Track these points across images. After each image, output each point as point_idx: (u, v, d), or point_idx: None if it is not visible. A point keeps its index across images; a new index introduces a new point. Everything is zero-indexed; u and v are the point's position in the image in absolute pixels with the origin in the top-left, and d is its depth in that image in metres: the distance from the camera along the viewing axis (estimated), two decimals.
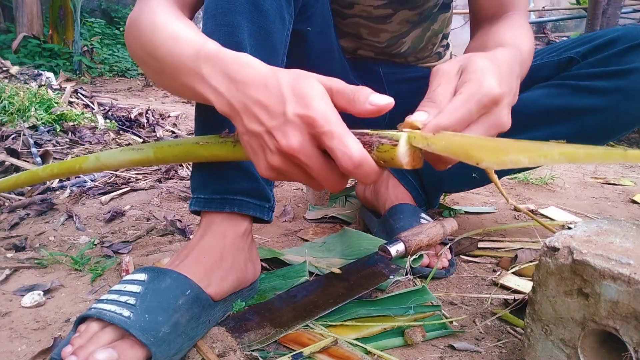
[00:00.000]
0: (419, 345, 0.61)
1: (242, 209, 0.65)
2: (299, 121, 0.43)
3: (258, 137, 0.46)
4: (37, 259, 0.83)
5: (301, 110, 0.42)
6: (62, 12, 4.64)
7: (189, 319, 0.55)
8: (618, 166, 1.88)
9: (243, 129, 0.47)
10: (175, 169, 1.47)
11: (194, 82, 0.50)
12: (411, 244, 0.76)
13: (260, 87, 0.45)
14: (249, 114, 0.46)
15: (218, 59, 0.49)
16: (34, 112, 1.79)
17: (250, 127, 0.46)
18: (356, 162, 0.41)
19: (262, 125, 0.45)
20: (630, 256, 0.45)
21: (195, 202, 0.67)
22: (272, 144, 0.45)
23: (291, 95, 0.43)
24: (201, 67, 0.49)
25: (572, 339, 0.49)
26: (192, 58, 0.50)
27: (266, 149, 0.46)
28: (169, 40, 0.53)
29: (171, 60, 0.52)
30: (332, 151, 0.42)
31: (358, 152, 0.42)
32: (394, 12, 0.84)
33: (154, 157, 0.62)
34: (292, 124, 0.43)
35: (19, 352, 0.57)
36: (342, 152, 0.41)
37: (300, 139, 0.43)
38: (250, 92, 0.45)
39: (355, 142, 0.42)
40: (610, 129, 0.82)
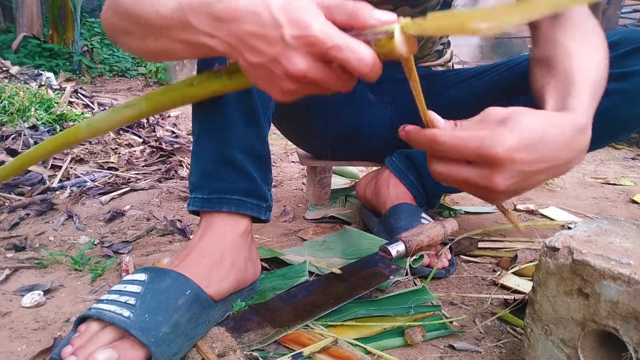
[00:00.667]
0: (419, 345, 0.61)
1: (239, 208, 0.65)
2: (299, 43, 0.42)
3: (263, 68, 0.45)
4: (37, 259, 0.83)
5: (299, 31, 0.42)
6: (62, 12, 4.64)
7: (189, 319, 0.55)
8: (618, 166, 1.88)
9: (246, 64, 0.46)
10: (175, 169, 1.47)
11: (185, 34, 0.49)
12: (412, 244, 0.76)
13: (250, 17, 0.44)
14: (247, 47, 0.44)
15: (201, 4, 0.47)
16: (34, 112, 1.79)
17: (253, 60, 0.45)
18: (370, 65, 0.42)
19: (264, 56, 0.44)
20: (630, 256, 0.45)
21: (193, 202, 0.67)
22: (280, 71, 0.44)
23: (285, 19, 0.42)
24: (188, 17, 0.47)
25: (572, 339, 0.49)
26: (177, 11, 0.48)
27: (275, 76, 0.45)
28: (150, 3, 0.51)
29: (157, 20, 0.50)
30: (345, 61, 0.42)
31: (369, 55, 0.42)
32: (394, 9, 0.84)
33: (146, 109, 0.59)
34: (293, 48, 0.42)
35: (19, 352, 0.57)
36: (357, 59, 0.42)
37: (306, 61, 0.43)
38: (242, 26, 0.44)
39: (362, 45, 0.42)
40: (612, 130, 0.82)
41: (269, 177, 0.71)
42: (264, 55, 0.44)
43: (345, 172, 1.50)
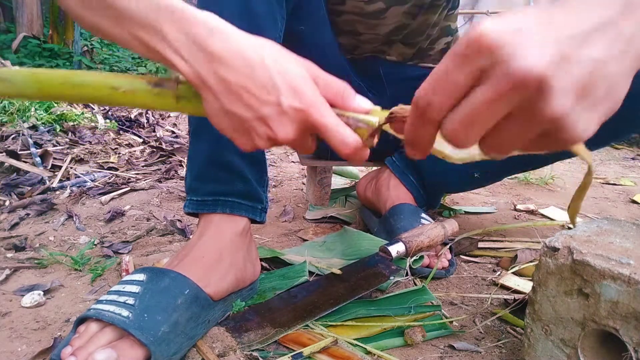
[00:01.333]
0: (419, 345, 0.61)
1: (234, 210, 0.66)
2: (295, 114, 0.41)
3: (244, 121, 0.42)
4: (37, 259, 0.83)
5: (297, 104, 0.41)
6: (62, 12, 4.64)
7: (188, 319, 0.55)
8: (618, 166, 1.88)
9: (219, 108, 0.42)
10: (175, 169, 1.47)
11: (151, 39, 0.43)
12: (412, 245, 0.76)
13: (243, 69, 0.41)
14: (232, 96, 0.41)
15: (183, 17, 0.42)
16: (33, 112, 1.79)
17: (235, 110, 0.42)
18: (352, 149, 0.42)
19: (251, 111, 0.42)
20: (630, 256, 0.45)
21: (189, 204, 0.67)
22: (264, 132, 0.43)
23: (284, 85, 0.41)
24: (162, 24, 0.42)
25: (572, 339, 0.49)
26: (153, 8, 0.42)
27: (253, 133, 0.43)
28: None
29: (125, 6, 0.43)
30: (330, 140, 0.43)
31: (353, 140, 0.42)
32: (387, 7, 0.84)
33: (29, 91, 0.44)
34: (288, 116, 0.41)
35: (19, 352, 0.57)
36: (341, 141, 0.42)
37: (296, 130, 0.42)
38: (233, 74, 0.41)
39: (349, 130, 0.43)
40: (615, 131, 0.82)
41: (265, 178, 0.71)
42: (252, 111, 0.42)
43: (345, 172, 1.50)
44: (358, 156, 0.44)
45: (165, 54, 0.43)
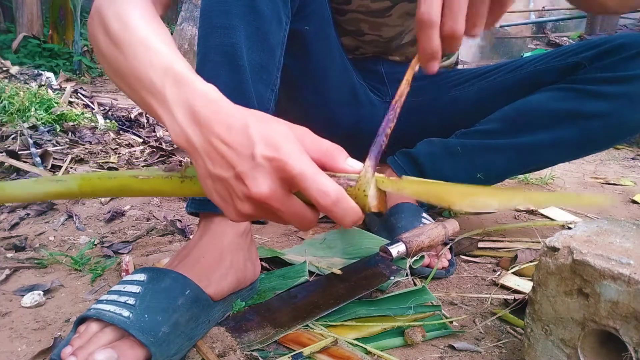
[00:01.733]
0: (419, 345, 0.61)
1: None
2: (268, 165, 0.40)
3: (224, 182, 0.42)
4: (37, 259, 0.83)
5: (270, 153, 0.40)
6: (62, 12, 4.64)
7: (188, 319, 0.55)
8: (618, 166, 1.88)
9: (205, 172, 0.43)
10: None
11: (154, 101, 0.46)
12: (412, 245, 0.76)
13: (224, 125, 0.42)
14: (214, 156, 0.42)
15: (186, 85, 0.44)
16: (34, 112, 1.79)
17: (216, 172, 0.42)
18: (334, 199, 0.40)
19: (230, 170, 0.41)
20: (630, 256, 0.45)
21: (191, 203, 0.67)
22: (241, 191, 0.41)
23: (259, 138, 0.40)
24: (166, 89, 0.45)
25: (572, 339, 0.49)
26: (159, 74, 0.46)
27: (234, 195, 0.42)
28: (139, 46, 0.48)
29: (137, 67, 0.47)
30: (308, 191, 0.40)
31: (334, 189, 0.40)
32: (393, 5, 0.84)
33: (78, 190, 0.54)
34: (261, 169, 0.40)
35: (19, 352, 0.57)
36: (318, 190, 0.40)
37: (271, 185, 0.40)
38: (213, 132, 0.42)
39: (329, 179, 0.40)
40: (615, 133, 0.83)
41: None
42: (230, 170, 0.41)
43: None
44: (341, 209, 0.40)
45: (161, 115, 0.45)
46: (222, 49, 0.60)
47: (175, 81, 0.44)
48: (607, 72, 0.79)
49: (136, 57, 0.48)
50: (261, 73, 0.64)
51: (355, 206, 0.41)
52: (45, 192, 0.55)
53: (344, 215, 0.41)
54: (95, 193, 0.55)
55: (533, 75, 0.89)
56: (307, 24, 0.76)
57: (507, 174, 0.97)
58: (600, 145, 0.88)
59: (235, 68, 0.61)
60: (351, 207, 0.41)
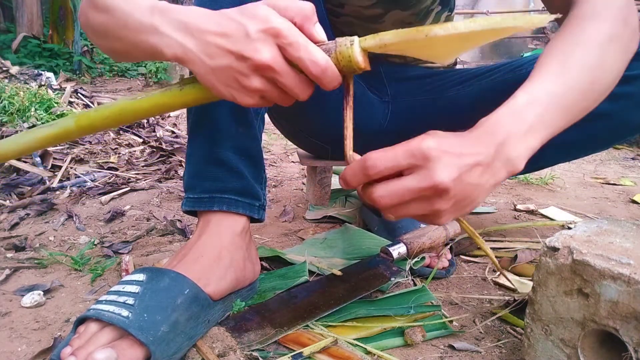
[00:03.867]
0: (419, 345, 0.61)
1: (231, 207, 0.66)
2: (264, 35, 0.45)
3: (227, 69, 0.46)
4: (37, 259, 0.83)
5: (263, 25, 0.45)
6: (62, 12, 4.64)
7: (187, 318, 0.55)
8: (618, 166, 1.88)
9: (207, 70, 0.47)
10: (175, 169, 1.47)
11: (145, 36, 0.50)
12: (413, 246, 0.76)
13: (213, 23, 0.46)
14: (210, 50, 0.46)
15: (171, 10, 0.49)
16: (34, 112, 1.79)
17: (217, 63, 0.46)
18: (323, 67, 0.45)
19: (229, 55, 0.46)
20: (630, 256, 0.45)
21: (186, 202, 0.67)
22: (246, 66, 0.46)
23: (247, 18, 0.45)
24: (154, 20, 0.49)
25: (572, 339, 0.49)
26: (146, 13, 0.50)
27: (241, 76, 0.46)
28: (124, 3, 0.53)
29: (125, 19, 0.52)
30: (301, 60, 0.45)
31: (323, 58, 0.45)
32: (385, 12, 0.84)
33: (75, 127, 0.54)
34: (259, 40, 0.45)
35: (19, 352, 0.57)
36: (310, 59, 0.45)
37: (272, 51, 0.45)
38: (206, 31, 0.46)
39: (319, 50, 0.46)
40: (618, 133, 0.82)
41: (262, 176, 0.71)
42: (229, 54, 0.46)
43: None
44: (329, 77, 0.46)
45: (154, 42, 0.49)
46: None
47: (161, 11, 0.50)
48: None
49: (123, 11, 0.52)
50: None
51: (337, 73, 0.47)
52: (41, 138, 0.54)
53: (330, 82, 0.46)
54: (94, 126, 0.54)
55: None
56: None
57: None
58: (601, 146, 0.88)
59: None
60: (335, 75, 0.47)
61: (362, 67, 0.46)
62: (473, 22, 0.41)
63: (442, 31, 0.41)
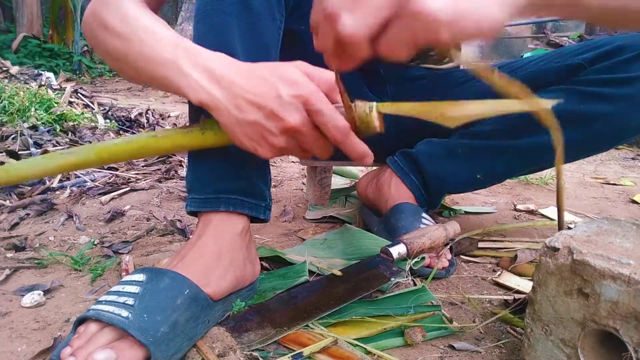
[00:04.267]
0: (419, 345, 0.61)
1: (237, 207, 0.65)
2: (295, 101, 0.48)
3: (255, 125, 0.49)
4: (37, 259, 0.83)
5: (295, 91, 0.48)
6: (62, 12, 4.65)
7: (187, 319, 0.55)
8: (618, 166, 1.88)
9: (232, 121, 0.49)
10: (175, 169, 1.47)
11: (169, 73, 0.51)
12: (413, 247, 0.76)
13: (246, 79, 0.49)
14: (239, 103, 0.48)
15: (198, 53, 0.51)
16: (34, 112, 1.79)
17: (246, 117, 0.49)
18: (344, 134, 0.49)
19: (260, 111, 0.48)
20: (630, 256, 0.45)
21: (191, 202, 0.67)
22: (275, 126, 0.48)
23: (279, 81, 0.48)
24: (179, 59, 0.51)
25: (572, 339, 0.49)
26: (170, 49, 0.51)
27: (268, 133, 0.49)
28: (144, 33, 0.54)
29: (145, 51, 0.53)
30: (325, 126, 0.48)
31: (345, 127, 0.49)
32: None
33: (96, 158, 0.55)
34: (290, 105, 0.48)
35: (19, 352, 0.57)
36: (334, 126, 0.48)
37: (302, 116, 0.48)
38: (235, 83, 0.49)
39: (342, 118, 0.49)
40: (617, 134, 0.83)
41: (267, 176, 0.71)
42: (260, 110, 0.48)
43: (345, 172, 1.50)
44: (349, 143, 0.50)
45: (179, 83, 0.51)
46: (217, 47, 0.60)
47: (186, 52, 0.51)
48: (608, 74, 0.79)
49: (143, 42, 0.53)
50: None
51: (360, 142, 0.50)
52: (60, 164, 0.56)
53: (352, 147, 0.50)
54: (113, 158, 0.57)
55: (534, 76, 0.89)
56: (303, 24, 0.76)
57: (508, 174, 0.97)
58: (602, 147, 0.88)
59: None
60: (356, 142, 0.50)
61: (378, 131, 0.50)
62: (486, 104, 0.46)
63: (457, 112, 0.45)
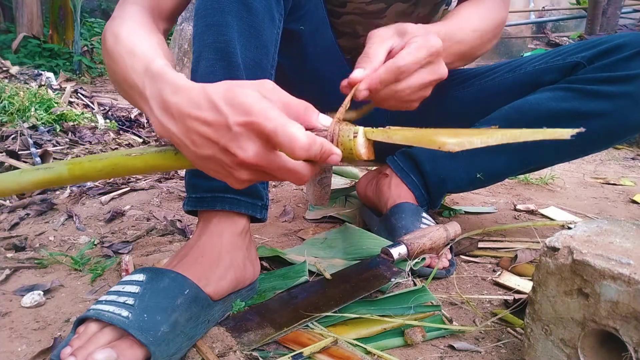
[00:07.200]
0: (419, 345, 0.61)
1: (233, 207, 0.65)
2: (245, 131, 0.41)
3: (213, 159, 0.44)
4: (37, 259, 0.83)
5: (243, 118, 0.41)
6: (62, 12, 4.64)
7: (187, 319, 0.55)
8: (618, 166, 1.88)
9: (193, 155, 0.45)
10: None
11: (141, 101, 0.49)
12: (414, 248, 0.76)
13: (197, 108, 0.43)
14: (194, 139, 0.43)
15: (159, 78, 0.46)
16: (33, 112, 1.79)
17: (202, 152, 0.44)
18: (305, 146, 0.41)
19: (213, 146, 0.43)
20: (630, 256, 0.45)
21: (188, 201, 0.67)
22: (231, 161, 0.43)
23: (228, 108, 0.42)
24: (145, 87, 0.47)
25: (572, 339, 0.49)
26: (140, 75, 0.49)
27: (227, 167, 0.44)
28: (126, 54, 0.52)
29: (125, 75, 0.51)
30: (281, 144, 0.41)
31: (302, 134, 0.41)
32: (387, 6, 0.84)
33: (69, 175, 0.53)
34: (241, 136, 0.41)
35: (19, 352, 0.57)
36: (289, 141, 0.41)
37: (255, 148, 0.42)
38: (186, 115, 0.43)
39: (298, 127, 0.41)
40: (616, 133, 0.82)
41: None
42: (212, 146, 0.43)
43: (345, 172, 1.50)
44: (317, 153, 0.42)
45: (147, 114, 0.48)
46: (216, 46, 0.61)
47: (151, 78, 0.47)
48: (607, 72, 0.79)
49: (125, 64, 0.52)
50: (255, 70, 0.65)
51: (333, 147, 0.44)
52: (32, 181, 0.54)
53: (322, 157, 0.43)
54: (87, 176, 0.54)
55: (533, 74, 0.89)
56: (303, 24, 0.76)
57: (507, 173, 0.97)
58: (600, 145, 0.88)
59: (229, 65, 0.61)
60: (328, 148, 0.43)
61: (365, 159, 0.45)
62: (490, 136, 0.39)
63: (456, 147, 0.39)
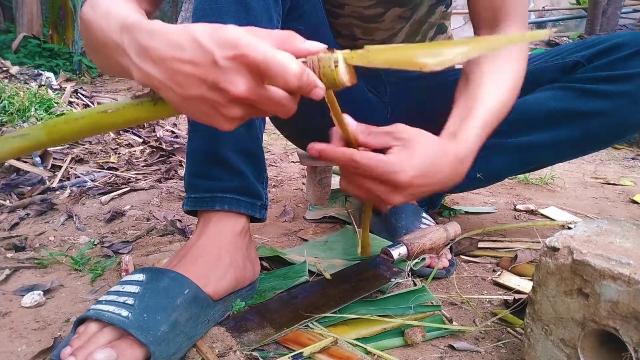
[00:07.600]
0: (419, 345, 0.61)
1: (232, 206, 0.65)
2: (234, 64, 0.41)
3: (201, 100, 0.43)
4: (37, 259, 0.83)
5: (230, 52, 0.40)
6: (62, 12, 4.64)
7: (187, 318, 0.55)
8: (618, 166, 1.88)
9: (179, 99, 0.43)
10: (175, 169, 1.47)
11: (119, 57, 0.47)
12: (414, 248, 0.76)
13: (177, 49, 0.42)
14: (180, 80, 0.42)
15: (135, 28, 0.45)
16: (34, 112, 1.79)
17: (190, 93, 0.42)
18: (297, 74, 0.41)
19: (202, 85, 0.42)
20: (630, 256, 0.45)
21: (187, 201, 0.67)
22: (222, 98, 0.42)
23: (213, 44, 0.41)
24: (123, 39, 0.46)
25: (572, 339, 0.48)
26: (118, 31, 0.47)
27: (218, 106, 0.43)
28: (102, 17, 0.51)
29: (103, 37, 0.50)
30: (272, 74, 0.41)
31: (294, 63, 0.41)
32: (385, 11, 0.84)
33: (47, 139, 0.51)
34: (230, 70, 0.41)
35: (19, 352, 0.57)
36: (281, 70, 0.40)
37: (246, 81, 0.41)
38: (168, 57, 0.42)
39: (288, 55, 0.41)
40: (615, 132, 0.82)
41: (263, 175, 0.71)
42: (201, 85, 0.42)
43: None
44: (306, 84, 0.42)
45: (125, 65, 0.46)
46: None
47: (128, 30, 0.46)
48: (606, 71, 0.79)
49: (101, 26, 0.50)
50: None
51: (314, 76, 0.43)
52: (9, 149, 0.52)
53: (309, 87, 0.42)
54: (65, 138, 0.52)
55: (532, 74, 0.89)
56: (301, 25, 0.76)
57: (507, 173, 0.97)
58: (600, 145, 0.88)
59: None
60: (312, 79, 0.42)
61: (348, 85, 0.44)
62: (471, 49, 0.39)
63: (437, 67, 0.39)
